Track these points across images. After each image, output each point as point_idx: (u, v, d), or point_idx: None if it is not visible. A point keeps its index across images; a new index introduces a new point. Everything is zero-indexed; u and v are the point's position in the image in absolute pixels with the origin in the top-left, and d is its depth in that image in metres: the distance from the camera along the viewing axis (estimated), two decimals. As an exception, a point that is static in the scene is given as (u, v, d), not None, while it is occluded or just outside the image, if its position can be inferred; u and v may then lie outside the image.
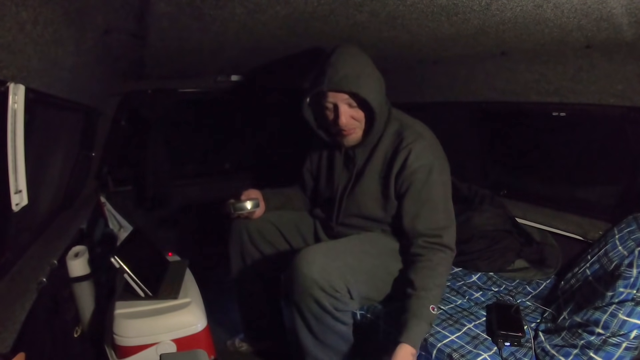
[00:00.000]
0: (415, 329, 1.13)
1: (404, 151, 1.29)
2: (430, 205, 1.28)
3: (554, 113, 1.59)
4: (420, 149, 1.28)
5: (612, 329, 1.04)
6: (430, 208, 1.28)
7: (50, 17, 0.73)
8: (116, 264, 1.29)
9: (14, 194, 0.81)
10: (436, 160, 1.30)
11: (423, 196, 1.28)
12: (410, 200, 1.29)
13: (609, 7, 0.91)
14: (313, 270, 1.15)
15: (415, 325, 1.13)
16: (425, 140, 1.31)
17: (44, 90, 0.91)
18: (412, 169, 1.28)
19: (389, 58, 1.69)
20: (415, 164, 1.27)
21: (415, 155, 1.28)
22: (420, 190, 1.28)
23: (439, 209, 1.28)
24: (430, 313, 1.15)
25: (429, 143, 1.32)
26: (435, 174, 1.28)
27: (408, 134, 1.31)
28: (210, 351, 1.33)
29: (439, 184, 1.29)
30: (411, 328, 1.12)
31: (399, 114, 1.41)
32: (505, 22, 1.09)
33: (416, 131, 1.33)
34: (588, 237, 1.54)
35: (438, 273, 1.22)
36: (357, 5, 0.99)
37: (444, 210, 1.29)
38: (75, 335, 1.38)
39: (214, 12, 0.99)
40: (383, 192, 1.35)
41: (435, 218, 1.27)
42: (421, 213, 1.28)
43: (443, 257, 1.25)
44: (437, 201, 1.28)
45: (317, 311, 1.18)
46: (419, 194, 1.28)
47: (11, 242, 1.02)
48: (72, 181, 1.63)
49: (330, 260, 1.19)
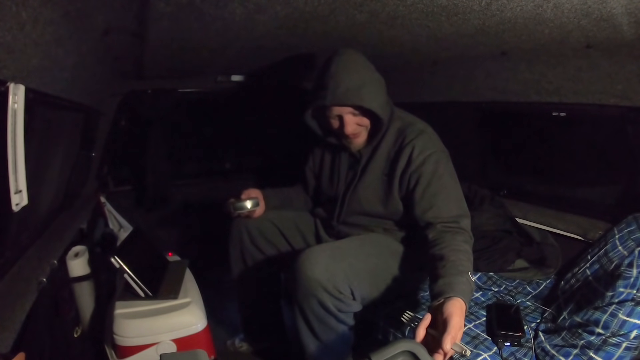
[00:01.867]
0: (461, 285, 1.00)
1: (408, 148, 1.30)
2: (443, 196, 1.26)
3: (554, 113, 1.59)
4: (422, 144, 1.29)
5: (612, 329, 1.04)
6: (444, 198, 1.26)
7: (50, 17, 0.73)
8: (116, 264, 1.29)
9: (14, 194, 0.81)
10: (441, 152, 1.31)
11: (433, 188, 1.27)
12: (421, 192, 1.28)
13: (609, 7, 0.91)
14: (317, 271, 1.14)
15: (460, 282, 1.01)
16: (426, 134, 1.33)
17: (44, 90, 0.91)
18: (418, 162, 1.28)
19: (389, 58, 1.69)
20: (421, 157, 1.28)
21: (419, 149, 1.28)
22: (430, 182, 1.27)
23: (452, 199, 1.27)
24: (469, 276, 1.04)
25: (430, 137, 1.34)
26: (442, 165, 1.28)
27: (410, 132, 1.32)
28: (210, 351, 1.33)
29: (447, 175, 1.29)
30: (456, 284, 1.00)
31: (400, 112, 1.42)
32: (505, 22, 1.08)
33: (418, 128, 1.34)
34: (588, 237, 1.54)
35: (465, 250, 1.15)
36: (357, 5, 0.99)
37: (456, 200, 1.28)
38: (75, 335, 1.38)
39: (214, 12, 0.99)
40: (385, 189, 1.36)
41: (450, 207, 1.26)
42: (435, 203, 1.26)
43: (464, 240, 1.19)
44: (450, 190, 1.28)
45: (320, 312, 1.18)
46: (429, 186, 1.27)
47: (11, 242, 1.02)
48: (72, 181, 1.63)
49: (334, 261, 1.18)
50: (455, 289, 0.99)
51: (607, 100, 1.37)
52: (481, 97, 1.82)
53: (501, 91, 1.70)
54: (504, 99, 1.73)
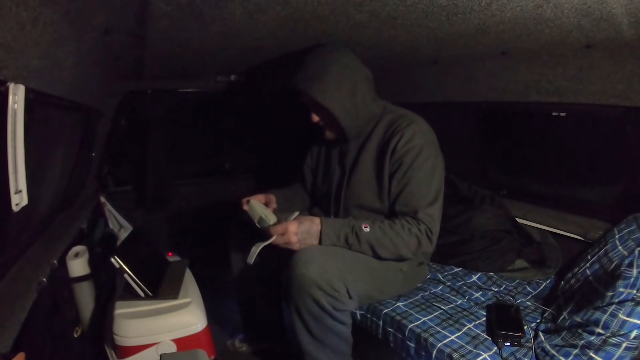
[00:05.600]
0: (337, 224, 1.26)
1: (396, 136, 1.32)
2: (411, 187, 1.29)
3: (554, 113, 1.59)
4: (410, 133, 1.31)
5: (612, 329, 1.04)
6: (412, 189, 1.29)
7: (50, 17, 0.73)
8: (116, 264, 1.29)
9: (14, 194, 0.81)
10: (426, 144, 1.31)
11: (407, 177, 1.30)
12: (395, 180, 1.32)
13: (609, 7, 0.91)
14: (311, 269, 1.15)
15: (339, 223, 1.26)
16: (417, 124, 1.34)
17: (44, 90, 0.91)
18: (402, 151, 1.30)
19: (389, 58, 1.69)
20: (405, 147, 1.30)
21: (405, 139, 1.30)
22: (405, 172, 1.30)
23: (421, 191, 1.30)
24: (362, 230, 1.24)
25: (420, 128, 1.34)
26: (423, 157, 1.30)
27: (400, 122, 1.34)
28: (210, 351, 1.33)
29: (426, 168, 1.30)
30: (335, 221, 1.27)
31: (394, 108, 1.43)
32: (505, 22, 1.09)
33: (408, 118, 1.36)
34: (588, 237, 1.54)
35: (395, 231, 1.25)
36: (357, 5, 0.99)
37: (426, 194, 1.30)
38: (75, 335, 1.38)
39: (214, 12, 0.99)
40: (377, 180, 1.37)
41: (415, 198, 1.29)
42: (402, 193, 1.31)
43: (410, 228, 1.26)
44: (419, 183, 1.30)
45: (316, 311, 1.18)
46: (403, 175, 1.30)
47: (11, 242, 1.02)
48: (72, 181, 1.63)
49: (328, 259, 1.19)
50: (329, 220, 1.25)
51: (607, 100, 1.37)
52: (481, 97, 1.82)
53: (501, 91, 1.70)
54: (504, 99, 1.73)
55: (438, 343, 1.18)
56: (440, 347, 1.17)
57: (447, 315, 1.33)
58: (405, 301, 1.41)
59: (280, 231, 1.22)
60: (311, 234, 1.23)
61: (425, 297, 1.44)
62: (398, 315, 1.33)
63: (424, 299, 1.43)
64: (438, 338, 1.20)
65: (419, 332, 1.24)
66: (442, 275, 1.62)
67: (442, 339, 1.20)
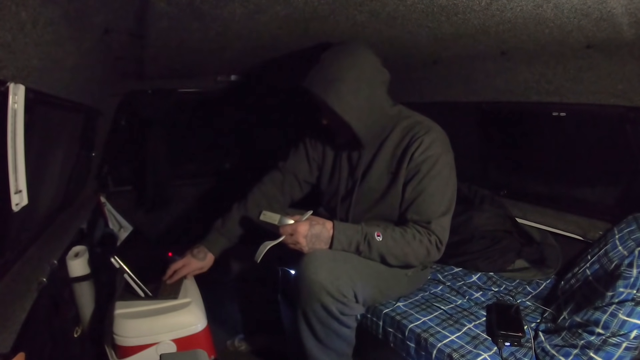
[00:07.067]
0: (350, 229, 1.24)
1: (415, 144, 1.29)
2: (426, 196, 1.27)
3: (554, 113, 1.59)
4: (429, 141, 1.28)
5: (612, 329, 1.04)
6: (426, 198, 1.27)
7: (50, 17, 0.73)
8: (116, 264, 1.29)
9: (14, 194, 0.81)
10: (443, 154, 1.30)
11: (422, 186, 1.28)
12: (410, 188, 1.30)
13: (609, 7, 0.91)
14: (321, 276, 1.14)
15: (351, 229, 1.24)
16: (434, 133, 1.31)
17: (44, 90, 0.91)
18: (420, 160, 1.28)
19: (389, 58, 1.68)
20: (424, 155, 1.28)
21: (424, 147, 1.28)
22: (421, 180, 1.28)
23: (435, 201, 1.28)
24: (375, 239, 1.23)
25: (438, 137, 1.32)
26: (439, 166, 1.28)
27: (419, 129, 1.31)
28: (210, 351, 1.33)
29: (441, 177, 1.28)
30: (349, 227, 1.25)
31: (410, 112, 1.40)
32: (505, 22, 1.09)
33: (426, 125, 1.33)
34: (588, 237, 1.54)
35: (406, 241, 1.24)
36: (357, 5, 0.99)
37: (439, 203, 1.28)
38: (75, 335, 1.38)
39: (214, 12, 0.99)
40: (391, 187, 1.33)
41: (429, 208, 1.27)
42: (416, 201, 1.28)
43: (421, 239, 1.25)
44: (434, 192, 1.28)
45: (323, 316, 1.17)
46: (419, 184, 1.28)
47: (11, 242, 1.02)
48: (72, 181, 1.63)
49: (338, 265, 1.18)
50: (340, 227, 1.23)
51: (607, 100, 1.37)
52: (481, 97, 1.82)
53: (501, 91, 1.70)
54: (504, 99, 1.73)
55: (438, 343, 1.18)
56: (440, 347, 1.17)
57: (447, 315, 1.33)
58: (405, 301, 1.41)
59: (289, 231, 1.21)
60: (321, 238, 1.22)
61: (425, 297, 1.44)
62: (398, 316, 1.33)
63: (424, 299, 1.43)
64: (438, 338, 1.20)
65: (419, 332, 1.24)
66: (442, 275, 1.62)
67: (442, 339, 1.20)
